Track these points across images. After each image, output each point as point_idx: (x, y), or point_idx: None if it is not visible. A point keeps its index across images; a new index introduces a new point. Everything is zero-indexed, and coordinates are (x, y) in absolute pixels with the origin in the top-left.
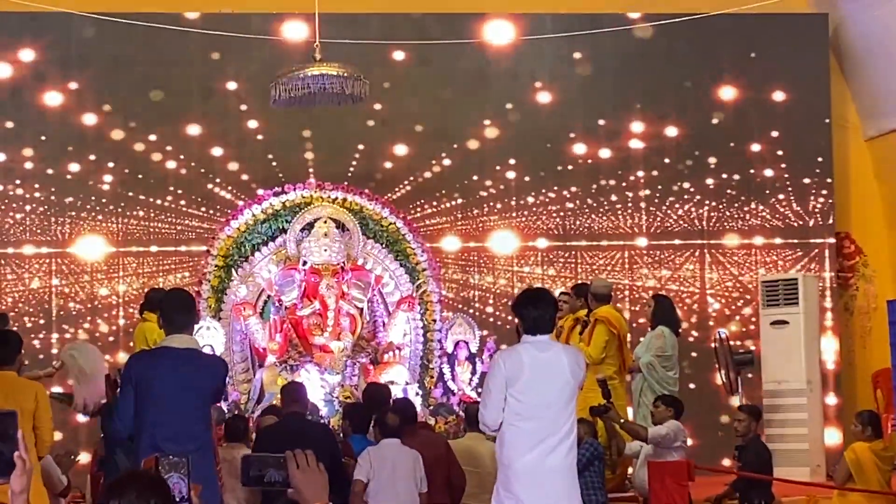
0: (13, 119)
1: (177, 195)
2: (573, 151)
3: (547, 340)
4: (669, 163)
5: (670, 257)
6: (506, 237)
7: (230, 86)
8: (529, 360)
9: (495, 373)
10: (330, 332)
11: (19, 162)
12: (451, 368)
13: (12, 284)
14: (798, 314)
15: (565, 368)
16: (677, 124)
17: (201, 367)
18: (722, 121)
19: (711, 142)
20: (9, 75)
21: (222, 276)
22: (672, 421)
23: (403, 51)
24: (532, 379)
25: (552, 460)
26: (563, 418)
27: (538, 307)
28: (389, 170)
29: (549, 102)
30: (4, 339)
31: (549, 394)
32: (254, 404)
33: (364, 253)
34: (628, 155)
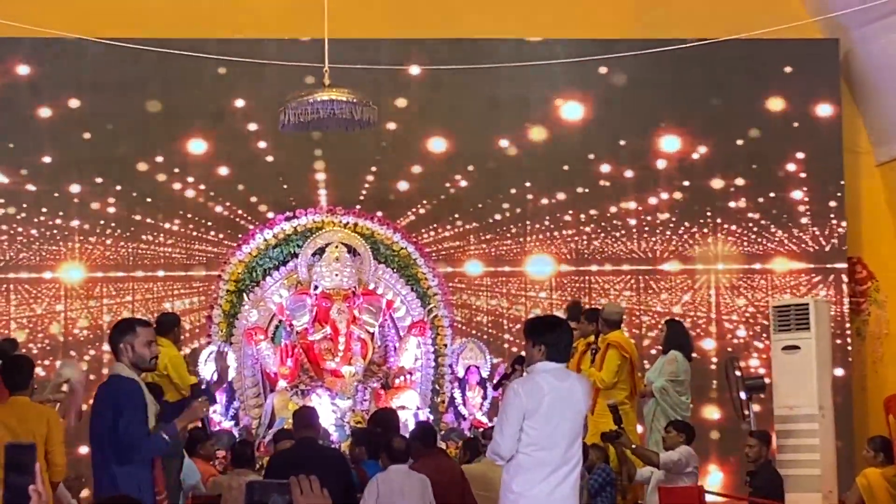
0: (19, 141)
1: (186, 219)
2: (586, 175)
3: (564, 369)
4: (675, 188)
5: (682, 282)
6: (519, 261)
7: (241, 110)
8: (549, 389)
9: (513, 402)
10: (341, 356)
11: (23, 184)
12: (462, 393)
13: (20, 310)
14: (810, 339)
15: (581, 399)
16: (690, 150)
17: (98, 392)
18: (729, 148)
19: (721, 168)
20: (15, 97)
21: (234, 301)
22: (684, 446)
23: (414, 75)
24: (551, 409)
25: (563, 489)
26: (574, 447)
27: (558, 334)
28: (401, 194)
29: (557, 130)
30: (18, 364)
31: (565, 424)
32: (265, 429)
33: (375, 277)
34: (644, 178)
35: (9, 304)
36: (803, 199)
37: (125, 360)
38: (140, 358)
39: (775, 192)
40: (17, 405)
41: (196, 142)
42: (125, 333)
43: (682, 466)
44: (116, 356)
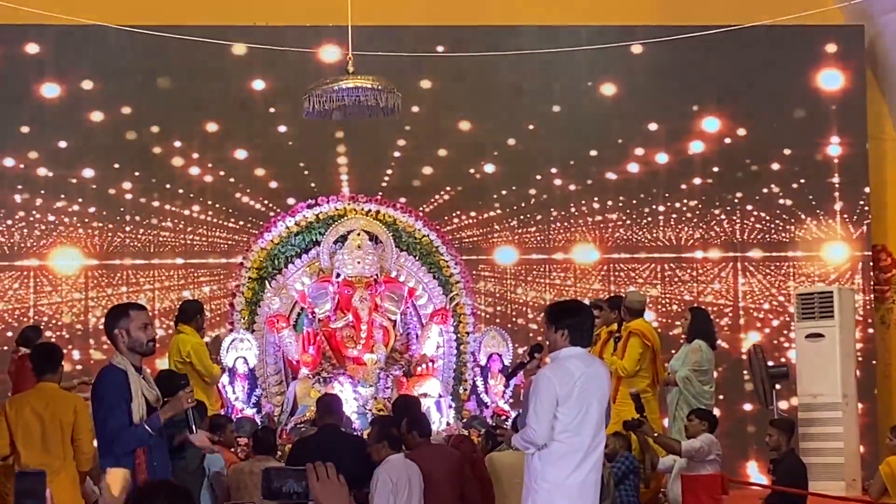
0: (35, 126)
1: (208, 206)
2: (614, 161)
3: (588, 353)
4: (696, 178)
5: (706, 270)
6: (545, 249)
7: (264, 97)
8: (579, 374)
9: (546, 388)
10: (363, 344)
11: (38, 169)
12: (485, 381)
13: (46, 297)
14: (834, 327)
15: (605, 383)
16: (704, 139)
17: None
18: (755, 134)
19: (743, 156)
20: (38, 84)
21: (256, 289)
22: (706, 434)
23: (437, 63)
24: (581, 394)
25: (593, 475)
26: (602, 433)
27: (580, 318)
28: (423, 182)
29: (583, 115)
30: (47, 351)
31: (593, 409)
32: (286, 416)
33: (397, 265)
34: (673, 165)
35: (28, 291)
36: (827, 187)
37: (122, 347)
38: (136, 342)
39: (796, 180)
40: (45, 392)
41: (217, 128)
42: (119, 319)
43: (704, 454)
44: (114, 344)
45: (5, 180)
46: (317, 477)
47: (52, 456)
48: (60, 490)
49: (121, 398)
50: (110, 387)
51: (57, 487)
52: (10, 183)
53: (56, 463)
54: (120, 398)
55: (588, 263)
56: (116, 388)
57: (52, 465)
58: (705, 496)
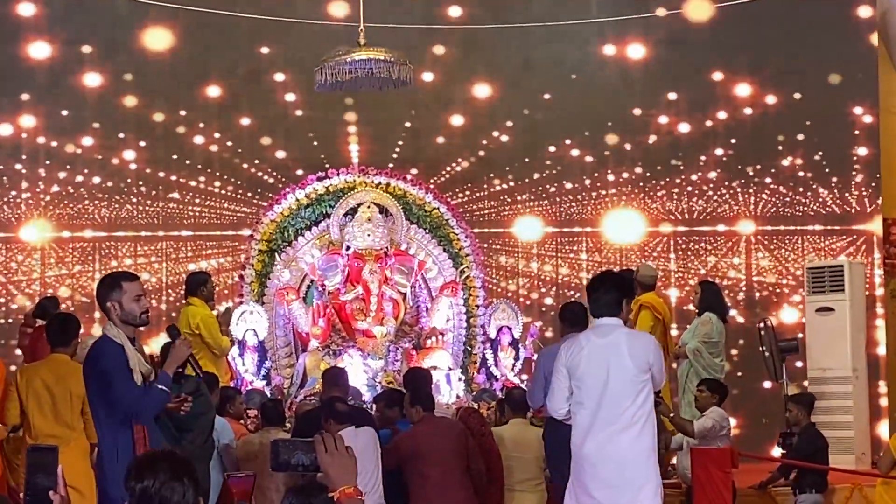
0: (52, 101)
1: (219, 178)
2: (623, 136)
3: (611, 324)
4: (708, 151)
5: (717, 243)
6: (554, 222)
7: (274, 69)
8: (588, 345)
9: (557, 361)
10: (373, 317)
11: (46, 140)
12: (494, 354)
13: (55, 269)
14: (844, 301)
15: (624, 353)
16: (713, 115)
17: (85, 358)
18: (767, 109)
19: (755, 131)
20: (50, 57)
21: (265, 261)
22: (715, 409)
23: (449, 35)
24: (590, 364)
25: (616, 448)
26: (626, 404)
27: (598, 290)
28: (434, 153)
29: (598, 83)
30: (64, 322)
31: (607, 379)
32: (297, 389)
33: (407, 238)
34: (678, 140)
35: (44, 263)
36: (838, 161)
37: (114, 319)
38: (130, 314)
39: (808, 153)
40: (56, 363)
41: (225, 99)
42: (112, 290)
43: (717, 431)
44: (107, 315)
45: (3, 149)
46: (325, 448)
47: (63, 427)
48: (71, 461)
49: (123, 367)
50: (113, 358)
51: (67, 458)
52: (9, 152)
53: (67, 434)
54: (125, 367)
55: (602, 236)
56: (118, 358)
57: (62, 436)
58: (715, 470)
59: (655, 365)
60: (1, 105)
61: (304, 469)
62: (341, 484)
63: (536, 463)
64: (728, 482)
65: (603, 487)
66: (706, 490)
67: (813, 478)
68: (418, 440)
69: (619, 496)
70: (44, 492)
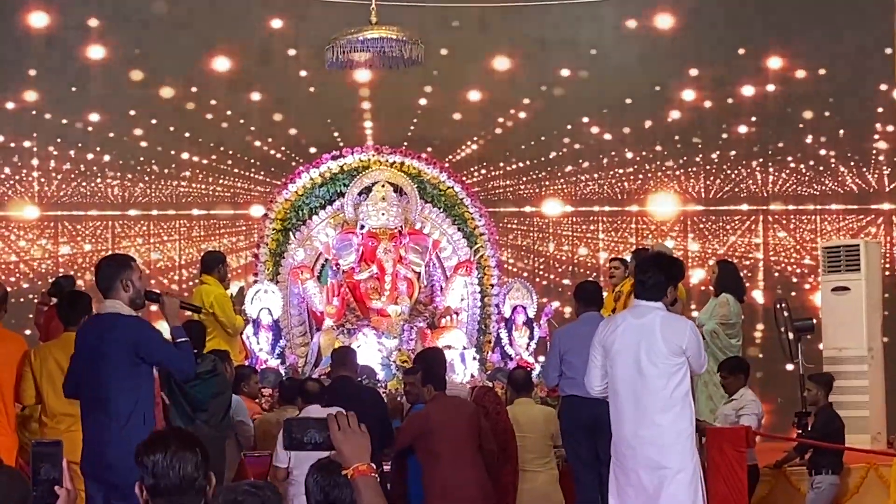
0: (57, 77)
1: (231, 157)
2: (642, 113)
3: (648, 306)
4: (727, 130)
5: (733, 222)
6: (563, 202)
7: (288, 48)
8: (623, 326)
9: (594, 340)
10: (387, 296)
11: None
12: (509, 333)
13: (68, 247)
14: (860, 280)
15: (657, 335)
16: (733, 92)
17: (106, 332)
18: (779, 89)
19: (770, 109)
20: (63, 34)
21: (280, 240)
22: (748, 397)
23: (463, 10)
24: (623, 344)
25: (652, 431)
26: (659, 386)
27: (645, 272)
28: (449, 132)
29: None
30: (74, 299)
31: (639, 360)
32: (311, 368)
33: (422, 217)
34: (698, 118)
35: (56, 242)
36: (853, 140)
37: (123, 298)
38: (138, 294)
39: (822, 133)
40: (69, 341)
41: (243, 80)
42: (125, 268)
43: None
44: (111, 293)
45: (9, 126)
46: (338, 426)
47: (76, 407)
48: None
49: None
50: (150, 328)
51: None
52: (19, 129)
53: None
54: (161, 335)
55: (620, 215)
56: (153, 328)
57: (77, 415)
58: (730, 449)
59: (691, 350)
60: (5, 81)
61: (317, 447)
62: (355, 461)
63: (544, 442)
64: (743, 461)
65: (641, 470)
66: (721, 470)
67: (829, 458)
68: (430, 419)
69: (656, 479)
70: (50, 485)
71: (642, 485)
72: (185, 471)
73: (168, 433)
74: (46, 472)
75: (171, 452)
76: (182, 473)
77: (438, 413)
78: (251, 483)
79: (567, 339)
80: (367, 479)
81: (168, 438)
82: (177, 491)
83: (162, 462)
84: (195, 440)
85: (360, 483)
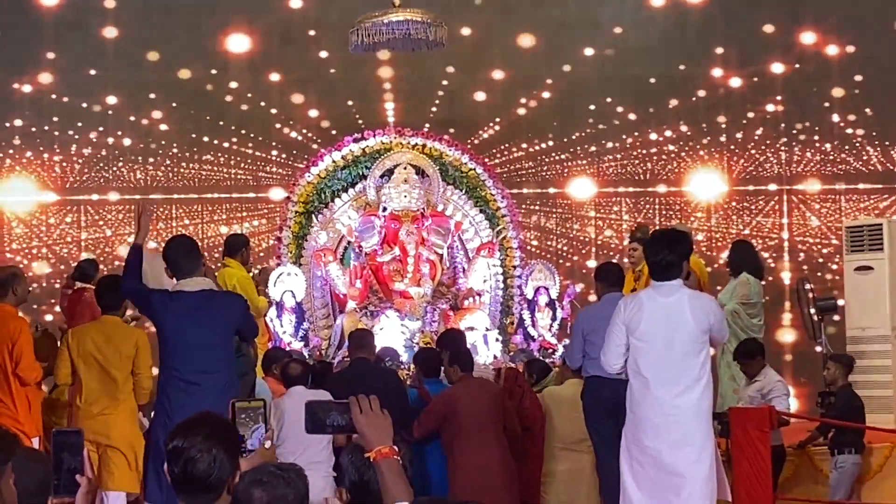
0: (74, 58)
1: (252, 140)
2: (666, 93)
3: (672, 285)
4: (753, 109)
5: (758, 203)
6: (588, 182)
7: (308, 29)
8: (650, 304)
9: (615, 317)
10: (410, 278)
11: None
12: (532, 315)
13: (89, 231)
14: (883, 260)
15: (687, 315)
16: (759, 71)
17: (215, 306)
18: (802, 67)
19: (793, 88)
20: (80, 17)
21: (302, 223)
22: (772, 375)
23: None
24: (650, 325)
25: (679, 408)
26: (688, 364)
27: (661, 251)
28: (472, 113)
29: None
30: (112, 284)
31: (671, 339)
32: (335, 350)
33: (444, 199)
34: (723, 97)
35: (76, 226)
36: (875, 119)
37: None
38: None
39: (845, 112)
40: (107, 324)
41: (264, 63)
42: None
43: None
44: (198, 273)
45: (30, 110)
46: (360, 409)
47: (113, 387)
48: (119, 422)
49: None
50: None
51: (116, 420)
52: (39, 113)
53: (116, 394)
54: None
55: (645, 196)
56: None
57: (113, 396)
58: (754, 429)
59: (716, 324)
60: (23, 64)
61: (339, 430)
62: (377, 444)
63: None
64: (766, 442)
65: (664, 448)
66: (745, 451)
67: (850, 438)
68: (456, 399)
69: (682, 456)
70: (71, 474)
71: (663, 462)
72: (198, 469)
73: (202, 421)
74: (67, 460)
75: (191, 445)
76: (209, 461)
77: (464, 394)
78: (277, 465)
79: (590, 320)
80: (389, 462)
81: (197, 427)
82: (203, 477)
83: (179, 449)
84: (225, 433)
85: (383, 465)
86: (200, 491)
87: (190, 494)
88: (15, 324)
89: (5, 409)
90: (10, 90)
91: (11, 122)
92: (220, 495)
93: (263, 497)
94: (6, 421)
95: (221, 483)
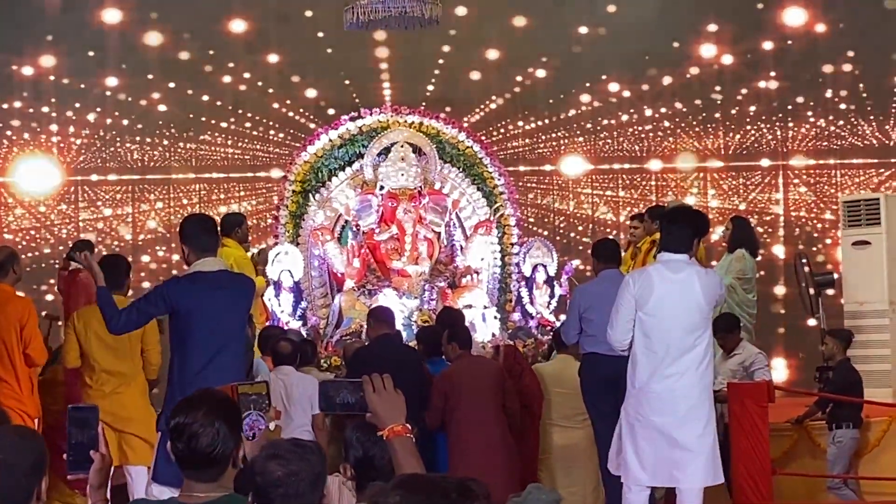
0: (74, 41)
1: (249, 119)
2: (661, 70)
3: (682, 261)
4: (747, 85)
5: (753, 178)
6: (582, 160)
7: (305, 9)
8: (660, 280)
9: (624, 292)
10: (407, 256)
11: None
12: (530, 292)
13: (88, 212)
14: (880, 234)
15: (697, 291)
16: (752, 47)
17: (234, 288)
18: (798, 43)
19: (788, 63)
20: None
21: (300, 202)
22: (752, 350)
23: None
24: (661, 300)
25: (683, 383)
26: (695, 339)
27: (672, 224)
28: (468, 91)
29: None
30: (114, 264)
31: (679, 316)
32: (332, 329)
33: (441, 177)
34: (718, 73)
35: (76, 206)
36: (874, 93)
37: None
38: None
39: (843, 86)
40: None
41: (251, 36)
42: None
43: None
44: (214, 252)
45: (28, 91)
46: (373, 388)
47: (123, 366)
48: (132, 398)
49: None
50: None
51: (129, 396)
52: (37, 95)
53: (130, 370)
54: None
55: (640, 173)
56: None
57: (127, 372)
58: (752, 404)
59: (720, 298)
60: (22, 46)
61: (350, 408)
62: (390, 422)
63: (579, 398)
64: (765, 416)
65: (669, 423)
66: (742, 425)
67: (848, 412)
68: (455, 377)
69: (688, 430)
70: (85, 450)
71: (670, 437)
72: (201, 443)
73: (204, 398)
74: (81, 436)
75: (193, 419)
76: (212, 435)
77: (463, 372)
78: (295, 441)
79: (587, 296)
80: (402, 440)
81: (199, 404)
82: (207, 452)
83: (181, 425)
84: (227, 409)
85: (396, 443)
86: (205, 466)
87: (195, 470)
88: (22, 304)
89: (9, 389)
90: (9, 72)
91: (11, 103)
92: (225, 469)
93: (278, 471)
94: (10, 402)
95: (226, 457)
